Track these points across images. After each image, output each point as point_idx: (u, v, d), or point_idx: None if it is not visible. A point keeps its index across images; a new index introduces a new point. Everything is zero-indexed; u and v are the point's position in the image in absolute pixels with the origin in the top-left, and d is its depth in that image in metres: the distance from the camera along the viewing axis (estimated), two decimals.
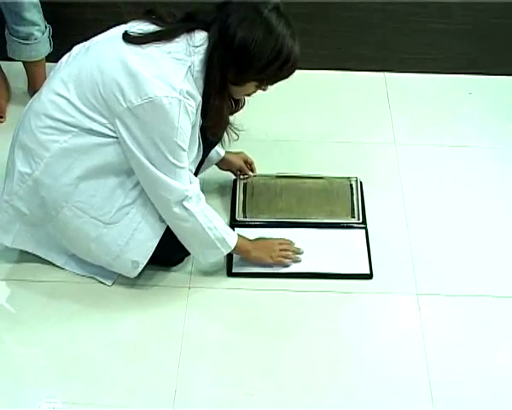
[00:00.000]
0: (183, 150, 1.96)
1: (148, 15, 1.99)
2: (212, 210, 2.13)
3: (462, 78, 3.09)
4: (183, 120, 1.91)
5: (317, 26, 2.97)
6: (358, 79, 3.09)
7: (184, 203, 2.01)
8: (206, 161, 2.29)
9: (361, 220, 2.41)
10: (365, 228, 2.40)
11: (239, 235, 2.21)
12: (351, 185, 2.51)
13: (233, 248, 2.17)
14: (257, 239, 2.30)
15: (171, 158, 1.94)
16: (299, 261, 2.29)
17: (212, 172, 2.48)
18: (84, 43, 2.06)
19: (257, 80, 1.99)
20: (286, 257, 2.28)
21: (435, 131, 2.84)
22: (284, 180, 2.54)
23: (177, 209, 2.02)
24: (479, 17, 2.95)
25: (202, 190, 2.10)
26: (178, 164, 1.96)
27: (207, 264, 2.25)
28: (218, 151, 2.40)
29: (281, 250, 2.28)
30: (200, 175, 2.29)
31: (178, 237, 2.12)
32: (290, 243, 2.31)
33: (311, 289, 2.23)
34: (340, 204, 2.47)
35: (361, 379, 2.02)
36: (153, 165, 1.95)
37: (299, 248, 2.31)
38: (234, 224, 2.38)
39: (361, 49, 3.07)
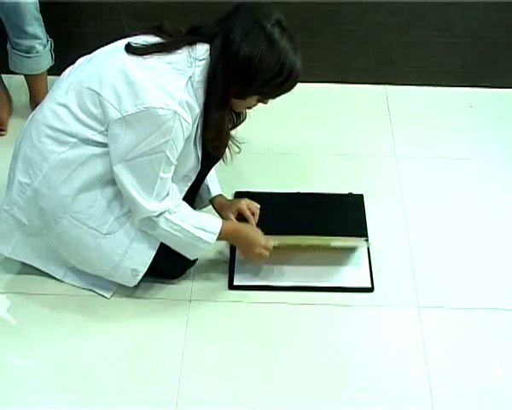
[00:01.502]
0: (171, 164, 1.97)
1: (154, 31, 2.00)
2: (182, 212, 2.06)
3: (463, 91, 3.09)
4: (176, 133, 1.91)
5: (318, 39, 2.98)
6: (359, 91, 3.09)
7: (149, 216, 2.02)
8: (198, 197, 2.32)
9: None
10: (367, 241, 2.40)
11: (225, 222, 2.18)
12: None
13: (212, 243, 2.12)
14: (243, 230, 2.22)
15: (156, 168, 1.94)
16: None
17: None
18: (88, 55, 2.07)
19: (259, 94, 1.99)
20: (259, 259, 2.23)
21: (436, 144, 2.84)
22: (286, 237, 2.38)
23: (142, 220, 2.03)
24: (479, 30, 2.96)
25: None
26: (162, 175, 1.96)
27: (209, 277, 2.27)
28: (210, 189, 2.34)
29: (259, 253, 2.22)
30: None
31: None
32: (270, 248, 2.23)
33: (313, 302, 2.23)
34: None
35: (362, 392, 2.01)
36: (132, 176, 1.95)
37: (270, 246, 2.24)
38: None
39: (361, 62, 3.07)
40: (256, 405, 1.98)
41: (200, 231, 2.09)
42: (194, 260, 2.26)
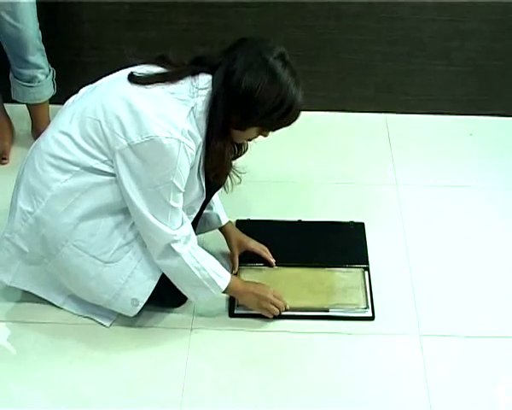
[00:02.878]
0: (179, 191, 1.97)
1: (158, 61, 2.01)
2: (202, 251, 2.12)
3: (463, 119, 3.11)
4: (181, 161, 1.92)
5: (319, 67, 3.00)
6: (359, 120, 3.11)
7: (171, 244, 2.02)
8: (205, 222, 2.33)
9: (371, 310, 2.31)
10: (367, 269, 2.40)
11: (234, 276, 2.23)
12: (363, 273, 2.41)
13: (224, 289, 2.15)
14: (250, 286, 2.24)
15: (166, 197, 1.95)
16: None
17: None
18: (91, 84, 2.09)
19: (259, 126, 1.99)
20: (272, 311, 2.23)
21: (436, 172, 2.85)
22: (287, 270, 2.42)
23: (163, 249, 2.03)
24: (478, 58, 2.98)
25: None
26: (172, 204, 1.97)
27: (210, 306, 2.26)
28: (220, 217, 2.37)
29: (271, 302, 2.23)
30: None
31: (169, 278, 2.12)
32: (281, 297, 2.26)
33: (313, 330, 2.22)
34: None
35: None
36: (146, 204, 1.96)
37: (286, 304, 2.26)
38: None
39: (362, 91, 3.09)
40: None
41: (215, 274, 2.12)
42: None
